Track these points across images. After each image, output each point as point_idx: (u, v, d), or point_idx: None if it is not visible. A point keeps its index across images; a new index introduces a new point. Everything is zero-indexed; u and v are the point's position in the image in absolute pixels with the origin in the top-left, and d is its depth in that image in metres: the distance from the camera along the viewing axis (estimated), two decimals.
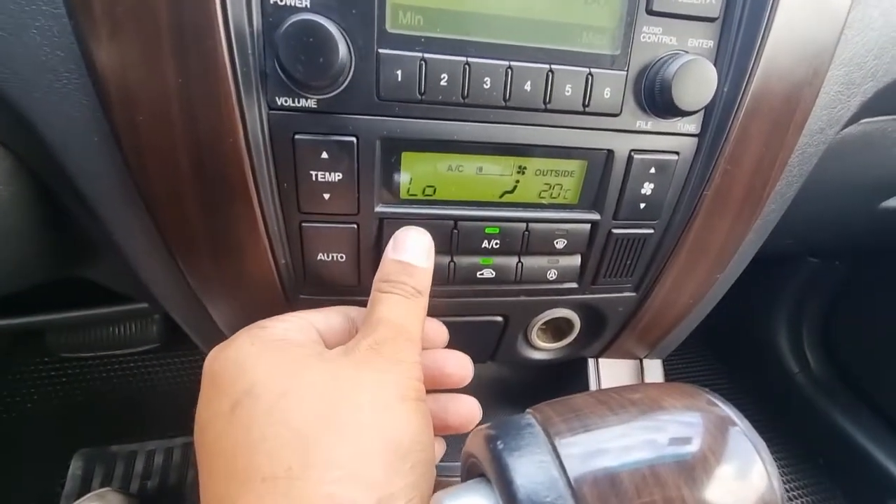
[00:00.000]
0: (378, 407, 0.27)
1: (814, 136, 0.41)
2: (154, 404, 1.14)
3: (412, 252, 0.34)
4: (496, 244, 0.38)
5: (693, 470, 0.20)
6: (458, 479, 0.26)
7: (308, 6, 0.29)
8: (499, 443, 0.20)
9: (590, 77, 0.33)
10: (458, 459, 0.28)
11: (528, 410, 0.23)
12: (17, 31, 0.27)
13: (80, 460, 1.03)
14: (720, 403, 0.24)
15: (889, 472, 1.08)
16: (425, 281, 0.34)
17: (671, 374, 0.84)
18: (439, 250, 0.37)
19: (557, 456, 0.19)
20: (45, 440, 1.04)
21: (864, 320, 1.24)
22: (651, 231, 0.40)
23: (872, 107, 0.46)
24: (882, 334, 1.19)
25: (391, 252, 0.34)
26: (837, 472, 1.19)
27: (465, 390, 0.41)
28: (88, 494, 0.88)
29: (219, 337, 0.42)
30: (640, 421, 0.22)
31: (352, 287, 0.38)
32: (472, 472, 0.25)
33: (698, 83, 0.33)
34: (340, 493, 0.24)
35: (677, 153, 0.37)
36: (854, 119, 0.46)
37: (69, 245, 0.42)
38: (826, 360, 1.32)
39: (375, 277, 0.34)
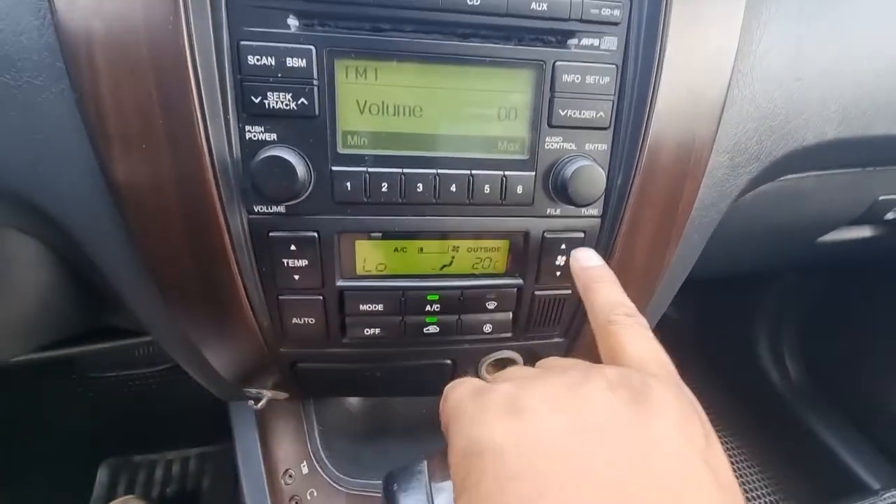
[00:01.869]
0: None
1: (707, 209, 0.48)
2: (172, 418, 1.24)
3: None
4: (437, 307, 0.46)
5: None
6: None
7: (275, 139, 0.38)
8: (394, 484, 0.29)
9: (504, 178, 0.42)
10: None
11: (424, 459, 0.31)
12: (59, 170, 0.37)
13: (106, 469, 1.14)
14: None
15: (857, 474, 1.14)
16: None
17: None
18: (392, 312, 0.46)
19: (430, 496, 0.28)
20: (75, 451, 1.15)
21: (840, 331, 1.30)
22: (569, 292, 0.48)
23: (776, 172, 0.53)
24: (857, 344, 1.25)
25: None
26: (812, 475, 1.25)
27: (424, 419, 0.49)
28: (114, 501, 0.98)
29: (217, 378, 0.51)
30: None
31: (322, 342, 0.47)
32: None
33: (588, 183, 0.41)
34: None
35: (584, 232, 0.45)
36: (758, 183, 0.54)
37: (97, 307, 0.52)
38: (805, 371, 1.38)
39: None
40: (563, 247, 0.45)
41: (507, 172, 0.42)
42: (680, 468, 0.23)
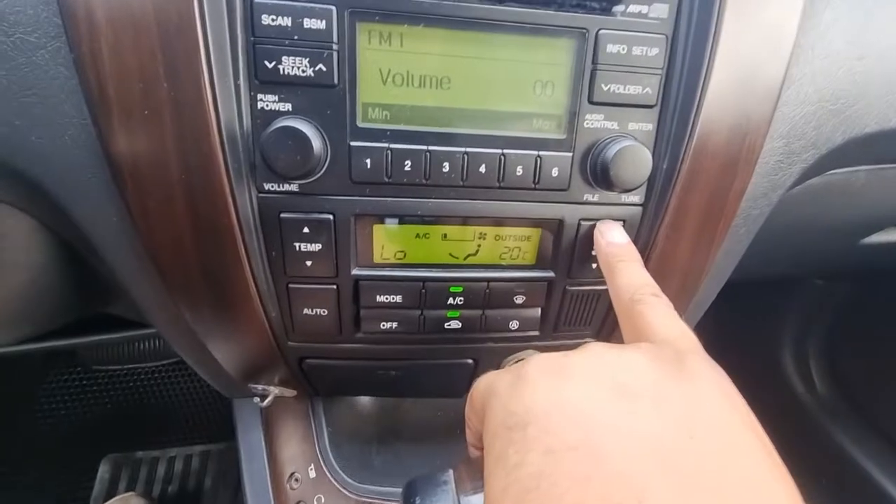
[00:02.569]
0: None
1: (757, 200, 0.44)
2: (176, 413, 1.22)
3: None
4: (460, 301, 0.42)
5: None
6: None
7: (290, 110, 0.35)
8: (416, 498, 0.25)
9: (538, 159, 0.38)
10: None
11: (449, 468, 0.27)
12: (53, 139, 0.34)
13: (107, 464, 1.11)
14: None
15: (890, 494, 1.07)
16: None
17: None
18: (411, 305, 0.42)
19: None
20: (77, 445, 1.13)
21: (870, 341, 1.24)
22: (604, 287, 0.44)
23: (831, 162, 0.49)
24: (889, 355, 1.19)
25: None
26: (839, 493, 1.19)
27: (441, 421, 0.45)
28: (114, 498, 0.95)
29: (221, 373, 0.48)
30: None
31: (334, 336, 0.44)
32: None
33: (633, 165, 0.37)
34: None
35: (623, 221, 0.41)
36: (808, 176, 0.49)
37: (94, 292, 0.49)
38: (832, 381, 1.32)
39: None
40: None
41: (541, 153, 0.38)
42: (730, 437, 0.22)
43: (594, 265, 0.42)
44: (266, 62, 0.33)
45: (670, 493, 0.19)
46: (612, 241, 0.39)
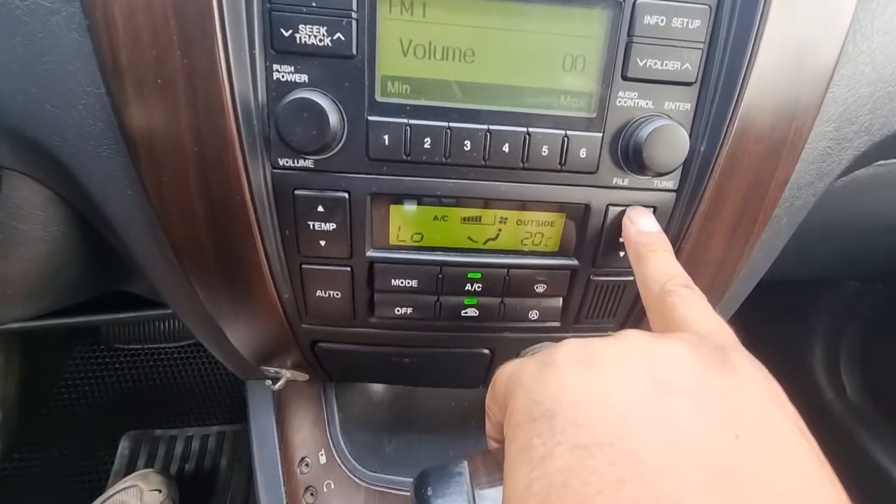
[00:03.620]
0: None
1: (801, 189, 0.41)
2: (194, 393, 1.24)
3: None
4: (478, 287, 0.41)
5: None
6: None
7: (306, 81, 0.33)
8: (428, 489, 0.24)
9: (566, 139, 0.36)
10: None
11: (464, 459, 0.26)
12: (67, 108, 0.33)
13: (127, 441, 1.14)
14: None
15: None
16: None
17: None
18: (427, 290, 0.41)
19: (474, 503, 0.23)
20: (99, 421, 1.16)
21: None
22: (631, 278, 0.41)
23: (882, 151, 0.45)
24: None
25: None
26: (869, 498, 1.14)
27: (455, 412, 0.44)
28: (133, 474, 0.97)
29: (234, 354, 0.47)
30: None
31: (347, 320, 0.42)
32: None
33: (669, 146, 0.34)
34: None
35: (654, 207, 0.38)
36: (856, 166, 0.46)
37: (111, 269, 0.48)
38: (864, 387, 1.26)
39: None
40: None
41: (569, 132, 0.36)
42: (779, 440, 0.20)
43: (621, 254, 0.40)
44: (282, 30, 0.32)
45: (712, 501, 0.17)
46: (643, 229, 0.37)
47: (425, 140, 0.35)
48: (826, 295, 1.25)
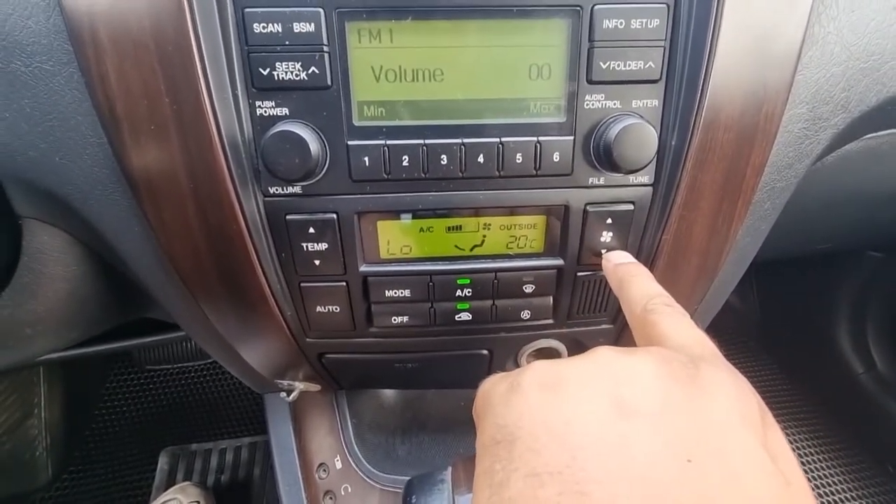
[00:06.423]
0: None
1: (782, 172, 0.41)
2: (224, 406, 1.29)
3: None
4: (468, 292, 0.42)
5: None
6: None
7: (287, 114, 0.36)
8: (412, 497, 0.26)
9: (538, 145, 0.37)
10: None
11: (448, 468, 0.28)
12: (74, 158, 0.36)
13: (165, 457, 1.19)
14: None
15: None
16: None
17: None
18: (420, 298, 0.43)
19: None
20: (138, 440, 1.22)
21: None
22: None
23: (867, 125, 0.45)
24: None
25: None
26: None
27: (464, 411, 0.46)
28: (173, 488, 1.02)
29: (249, 370, 0.50)
30: None
31: (348, 331, 0.45)
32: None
33: (637, 144, 0.35)
34: None
35: (633, 203, 0.39)
36: (841, 143, 0.46)
37: (130, 299, 0.52)
38: (894, 359, 1.22)
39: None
40: (609, 221, 0.40)
41: (541, 138, 0.37)
42: (735, 461, 0.20)
43: (604, 251, 0.41)
44: (261, 69, 0.34)
45: None
46: (620, 261, 0.38)
47: (403, 158, 0.37)
48: (847, 267, 1.22)
